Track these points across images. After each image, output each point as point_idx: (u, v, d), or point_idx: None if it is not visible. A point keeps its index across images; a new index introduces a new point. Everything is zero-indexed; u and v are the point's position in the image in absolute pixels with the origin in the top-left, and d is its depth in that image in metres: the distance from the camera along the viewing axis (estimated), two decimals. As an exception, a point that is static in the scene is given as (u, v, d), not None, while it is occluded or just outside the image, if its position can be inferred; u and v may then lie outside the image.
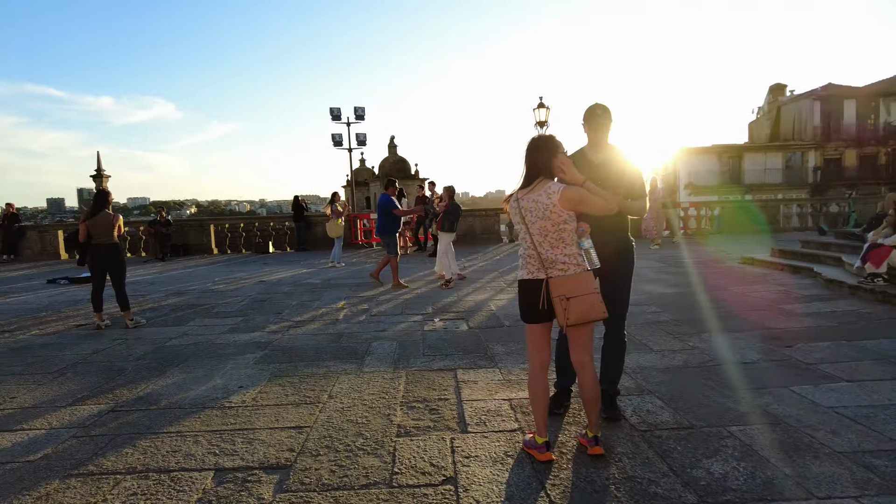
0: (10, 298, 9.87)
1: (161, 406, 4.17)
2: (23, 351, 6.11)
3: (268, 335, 6.48)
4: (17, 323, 7.72)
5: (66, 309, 8.69)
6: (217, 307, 8.40)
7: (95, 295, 7.24)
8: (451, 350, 5.57)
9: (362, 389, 4.42)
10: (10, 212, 17.57)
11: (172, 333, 6.71)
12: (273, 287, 10.26)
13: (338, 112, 23.71)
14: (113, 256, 7.18)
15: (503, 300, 8.28)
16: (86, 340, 6.52)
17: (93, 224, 7.06)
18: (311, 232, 17.56)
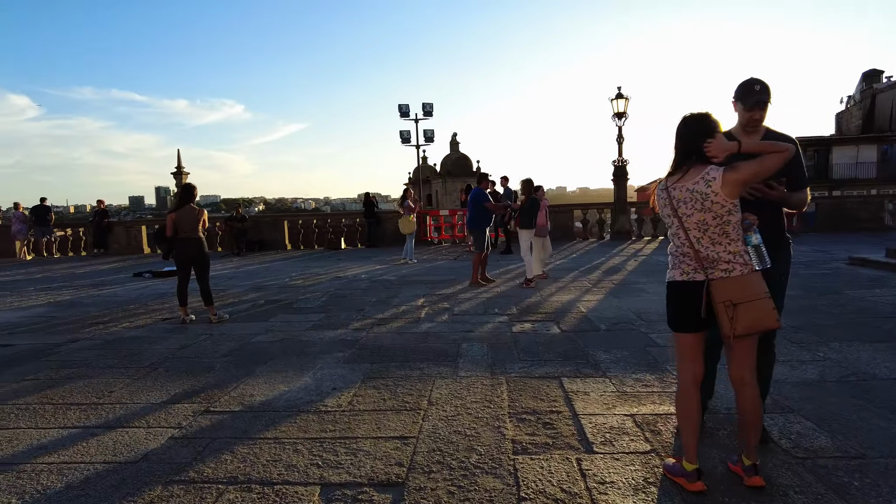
0: (102, 291, 10.20)
1: (255, 408, 3.97)
2: (115, 344, 6.15)
3: (353, 333, 6.27)
4: (108, 315, 7.88)
5: (152, 302, 8.85)
6: (297, 303, 8.31)
7: (181, 289, 7.27)
8: (548, 355, 5.15)
9: (463, 396, 4.07)
10: (100, 208, 18.49)
11: (256, 329, 6.62)
12: (350, 283, 10.13)
13: (406, 109, 23.65)
14: (197, 251, 7.17)
15: (592, 301, 7.77)
16: (173, 335, 6.52)
17: (178, 218, 7.08)
18: (380, 228, 17.51)
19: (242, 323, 7.06)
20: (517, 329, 6.22)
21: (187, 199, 7.21)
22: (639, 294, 8.20)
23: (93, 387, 4.55)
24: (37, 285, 11.40)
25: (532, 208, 9.71)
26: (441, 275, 10.93)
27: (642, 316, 6.76)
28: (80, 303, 9.01)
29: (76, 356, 5.63)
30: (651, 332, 5.93)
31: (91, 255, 18.38)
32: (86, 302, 9.06)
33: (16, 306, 8.91)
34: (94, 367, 5.21)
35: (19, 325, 7.40)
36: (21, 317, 7.98)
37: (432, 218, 18.15)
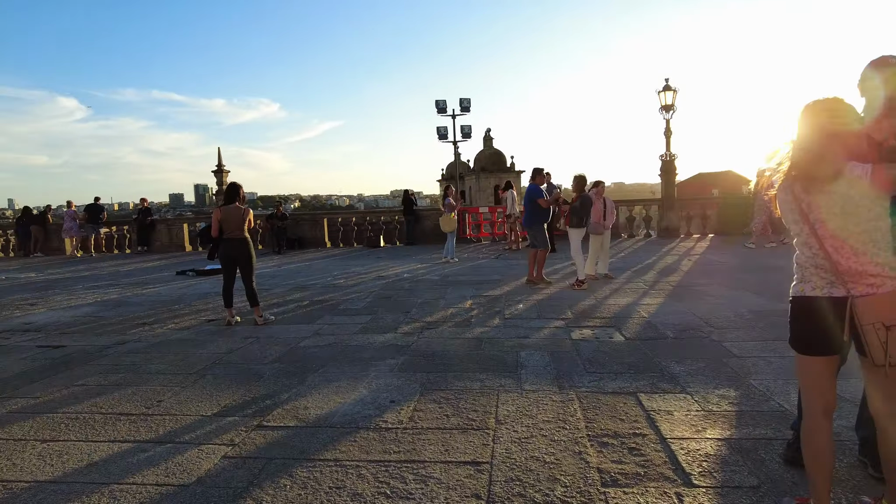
0: (146, 290, 10.21)
1: (309, 422, 3.72)
2: (162, 346, 6.03)
3: (403, 337, 6.00)
4: (153, 315, 7.81)
5: (196, 302, 8.77)
6: (343, 304, 8.10)
7: (226, 290, 7.12)
8: (616, 366, 4.77)
9: (533, 414, 3.74)
10: (143, 206, 18.77)
11: (303, 332, 6.41)
12: (393, 283, 9.89)
13: (443, 104, 23.34)
14: (243, 251, 7.01)
15: (653, 305, 7.32)
16: (219, 337, 6.36)
17: (224, 217, 6.92)
18: (419, 226, 17.26)
19: (289, 325, 6.87)
20: (577, 336, 5.85)
21: (233, 197, 7.06)
22: (702, 297, 7.70)
23: (142, 395, 4.38)
24: (85, 283, 11.52)
25: (584, 206, 9.27)
26: (485, 274, 10.59)
27: (710, 322, 6.29)
28: (127, 302, 9.00)
29: (124, 360, 5.51)
30: (724, 341, 5.48)
31: (135, 253, 18.67)
32: (132, 301, 9.05)
33: (65, 305, 8.95)
34: (142, 372, 5.06)
35: (70, 325, 7.38)
36: (71, 316, 7.98)
37: (471, 215, 17.80)
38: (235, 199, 7.05)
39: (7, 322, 7.83)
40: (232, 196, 7.06)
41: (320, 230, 17.89)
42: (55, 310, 8.60)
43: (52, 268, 15.26)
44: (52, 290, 10.79)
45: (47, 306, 8.94)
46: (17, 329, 7.32)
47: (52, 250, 19.66)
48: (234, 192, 7.08)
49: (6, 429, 3.79)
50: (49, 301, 9.44)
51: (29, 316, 8.20)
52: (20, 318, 8.11)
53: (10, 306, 9.09)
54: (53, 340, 6.54)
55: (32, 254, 19.25)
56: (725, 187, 48.85)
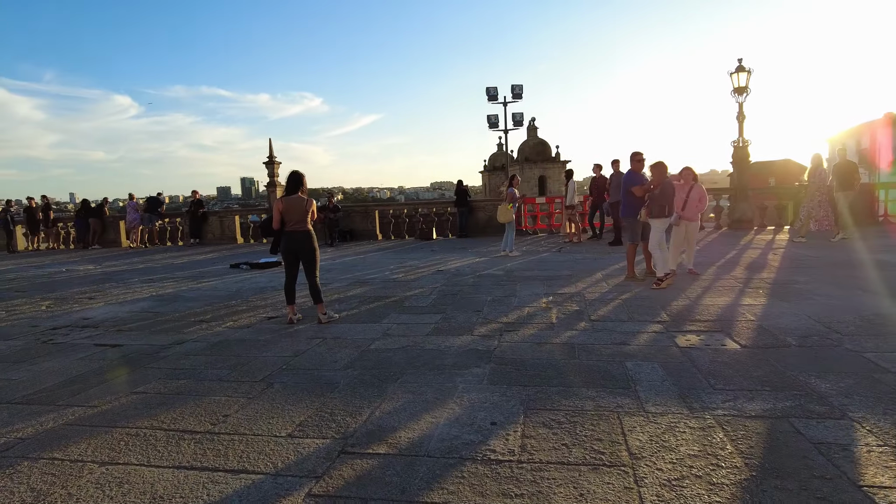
0: (202, 284, 9.93)
1: (401, 449, 3.15)
2: (222, 347, 5.60)
3: (482, 341, 5.39)
4: (211, 312, 7.44)
5: (253, 297, 8.39)
6: (407, 300, 7.55)
7: (288, 286, 6.66)
8: (745, 382, 4.03)
9: (672, 446, 3.06)
10: (195, 199, 18.77)
11: (372, 332, 5.88)
12: (455, 278, 9.29)
13: (494, 91, 22.52)
14: (306, 244, 6.53)
15: (756, 306, 6.49)
16: (282, 338, 5.90)
17: (286, 209, 6.45)
18: (473, 218, 16.62)
19: (354, 324, 6.36)
20: (683, 343, 5.11)
21: (295, 187, 6.56)
22: (809, 297, 6.81)
23: (205, 407, 3.91)
24: (140, 276, 11.38)
25: (665, 194, 8.42)
26: (552, 269, 9.88)
27: (833, 327, 5.45)
28: (182, 297, 8.71)
29: (184, 363, 5.09)
30: (864, 351, 4.66)
31: (188, 245, 18.71)
32: (187, 296, 8.75)
33: (121, 299, 8.73)
34: (203, 378, 4.61)
35: (126, 322, 7.08)
36: (128, 312, 7.71)
37: (528, 206, 17.01)
38: (298, 189, 6.55)
39: (67, 317, 7.61)
40: (294, 186, 6.57)
41: (371, 222, 17.47)
42: (112, 304, 8.37)
43: (108, 260, 15.34)
44: (108, 282, 10.66)
45: (104, 300, 8.73)
46: (75, 325, 7.07)
47: (109, 242, 19.94)
48: (297, 182, 6.58)
49: (62, 446, 3.36)
50: (106, 295, 9.26)
51: (87, 310, 7.98)
52: (79, 312, 7.90)
53: (70, 300, 8.94)
54: (110, 338, 6.22)
55: (91, 246, 19.56)
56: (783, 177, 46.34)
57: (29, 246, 20.55)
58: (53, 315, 7.76)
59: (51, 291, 9.92)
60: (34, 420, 3.80)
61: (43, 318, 7.64)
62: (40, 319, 7.52)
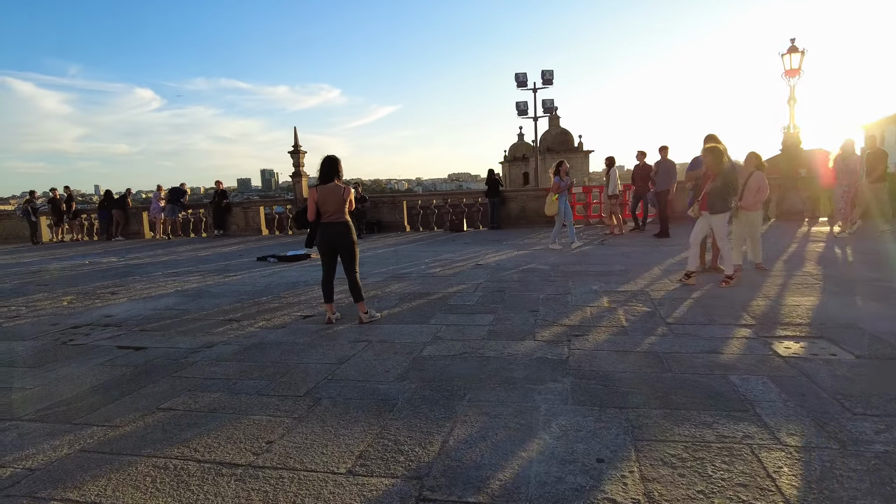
0: (229, 278, 9.41)
1: (495, 496, 2.51)
2: (256, 351, 5.03)
3: (549, 348, 4.74)
4: (241, 309, 6.89)
5: (285, 294, 7.82)
6: (451, 298, 6.92)
7: (326, 282, 6.07)
8: (888, 404, 3.33)
9: (836, 494, 2.39)
10: (219, 189, 18.31)
11: (420, 336, 5.27)
12: (497, 273, 8.62)
13: (524, 78, 21.69)
14: (344, 237, 5.92)
15: (850, 307, 5.74)
16: (322, 340, 5.31)
17: (321, 198, 5.85)
18: (505, 209, 15.91)
19: (399, 325, 5.75)
20: (785, 352, 4.40)
21: (330, 174, 5.94)
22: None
23: (244, 430, 3.32)
24: (164, 269, 10.92)
25: (727, 186, 7.60)
26: (601, 263, 9.16)
27: (955, 333, 4.69)
28: (209, 292, 8.18)
29: (215, 371, 4.52)
30: None
31: (212, 237, 18.30)
32: (214, 291, 8.22)
33: (145, 295, 8.24)
34: (239, 390, 4.03)
35: (150, 320, 6.57)
36: (151, 309, 7.20)
37: (564, 196, 16.20)
38: (333, 176, 5.94)
39: (88, 314, 7.13)
40: (329, 173, 5.95)
41: (399, 213, 16.85)
42: (135, 300, 7.88)
43: (132, 252, 14.97)
44: (132, 276, 10.21)
45: (128, 295, 8.25)
46: (97, 323, 6.58)
47: (132, 234, 19.64)
48: (332, 168, 5.96)
49: (78, 483, 2.79)
50: (129, 289, 8.78)
51: (109, 306, 7.49)
52: (101, 308, 7.42)
53: (92, 295, 8.48)
54: (134, 339, 5.70)
55: (114, 237, 19.28)
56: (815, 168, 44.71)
57: (53, 237, 20.36)
58: (75, 312, 7.29)
59: (73, 285, 9.49)
60: (47, 444, 3.25)
61: (64, 314, 7.18)
62: (61, 317, 7.05)
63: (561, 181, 11.06)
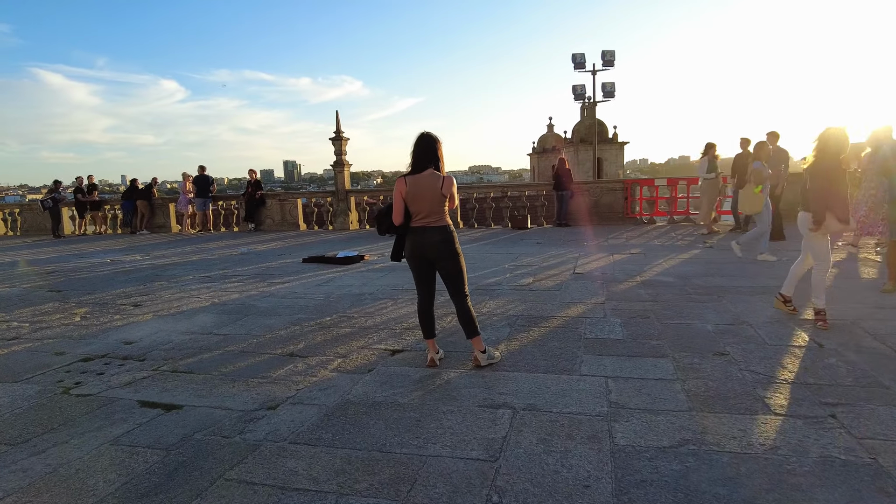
0: (275, 287, 7.73)
1: None
2: (346, 423, 3.32)
3: (816, 432, 2.94)
4: (302, 336, 5.20)
5: (352, 311, 6.12)
6: (579, 325, 5.13)
7: (424, 310, 4.33)
8: None
9: None
10: (252, 179, 16.67)
11: (586, 399, 3.51)
12: (612, 286, 6.79)
13: (581, 59, 19.72)
14: (445, 247, 4.15)
15: None
16: (438, 402, 3.58)
17: (412, 193, 4.09)
18: (573, 203, 14.01)
19: (535, 374, 4.00)
20: None
21: (426, 158, 4.15)
22: None
23: None
24: (195, 272, 9.31)
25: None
26: (741, 274, 7.29)
27: None
28: (255, 307, 6.52)
29: (296, 468, 2.81)
30: None
31: (244, 232, 16.73)
32: (261, 307, 6.55)
33: (174, 309, 6.60)
34: (348, 526, 2.31)
35: (183, 350, 4.92)
36: (184, 332, 5.56)
37: (644, 188, 14.22)
38: (430, 161, 4.15)
39: (104, 336, 5.53)
40: (424, 157, 4.13)
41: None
42: (163, 317, 6.25)
43: (157, 248, 13.46)
44: (157, 280, 8.62)
45: (153, 309, 6.63)
46: (113, 353, 4.96)
47: (158, 227, 18.21)
48: (428, 151, 4.14)
49: None
50: (155, 300, 7.17)
51: (131, 326, 5.88)
52: (120, 328, 5.81)
53: (111, 306, 6.89)
54: (164, 387, 4.04)
55: (139, 230, 17.87)
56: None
57: (75, 230, 19.03)
58: (87, 333, 5.68)
59: (89, 292, 7.93)
60: None
61: (73, 337, 5.58)
62: (70, 340, 5.45)
63: (763, 168, 8.34)
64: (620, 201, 13.88)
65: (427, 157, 4.13)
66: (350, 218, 15.89)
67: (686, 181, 13.67)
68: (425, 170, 4.12)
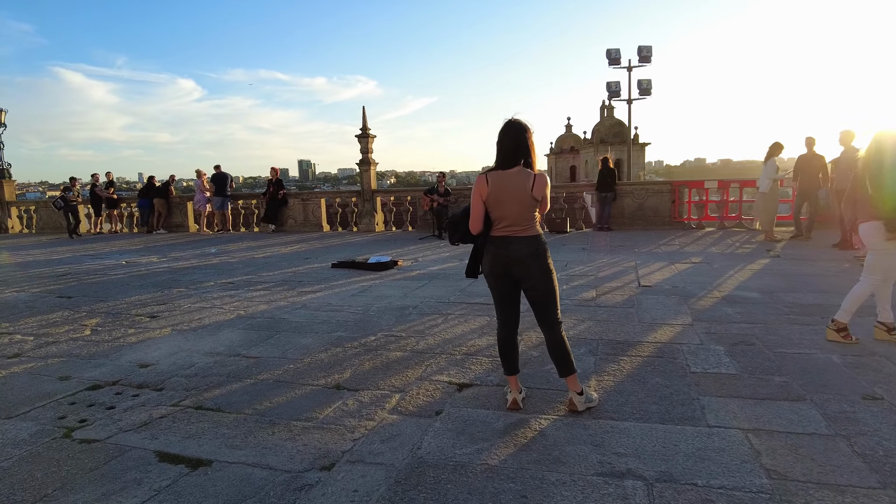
0: (306, 296, 6.96)
1: None
2: (428, 495, 2.52)
3: None
4: (346, 362, 4.41)
5: (398, 329, 5.33)
6: (677, 354, 4.28)
7: (505, 339, 3.53)
8: None
9: None
10: (275, 177, 15.94)
11: (735, 466, 2.68)
12: (690, 302, 5.92)
13: (616, 55, 18.76)
14: (534, 261, 3.32)
15: None
16: (544, 468, 2.77)
17: (495, 196, 3.29)
18: (618, 205, 13.08)
19: (646, 424, 3.17)
20: None
21: (516, 151, 3.31)
22: None
23: None
24: (216, 277, 8.59)
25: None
26: (830, 289, 6.41)
27: None
28: (286, 321, 5.75)
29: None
30: None
31: (265, 232, 16.02)
32: (294, 321, 5.78)
33: (196, 322, 5.86)
34: None
35: (207, 378, 4.16)
36: (208, 352, 4.80)
37: (693, 190, 13.23)
38: (522, 155, 3.33)
39: (116, 356, 4.79)
40: (514, 149, 3.29)
41: (484, 209, 14.19)
42: (183, 331, 5.51)
43: (175, 249, 12.80)
44: (177, 286, 7.90)
45: (171, 322, 5.89)
46: (126, 379, 4.21)
47: (175, 226, 17.60)
48: (518, 142, 3.30)
49: None
50: (173, 310, 6.44)
51: (147, 343, 5.14)
52: (134, 345, 5.08)
53: (124, 317, 6.18)
54: (186, 431, 3.27)
55: (155, 230, 17.27)
56: None
57: (91, 229, 18.48)
58: (97, 352, 4.95)
59: (101, 299, 7.23)
60: None
61: (82, 356, 4.85)
62: (77, 360, 4.72)
63: None
64: (667, 204, 12.94)
65: (518, 150, 3.32)
66: (376, 219, 15.11)
67: (738, 183, 12.70)
68: (515, 164, 3.31)
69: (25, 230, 19.66)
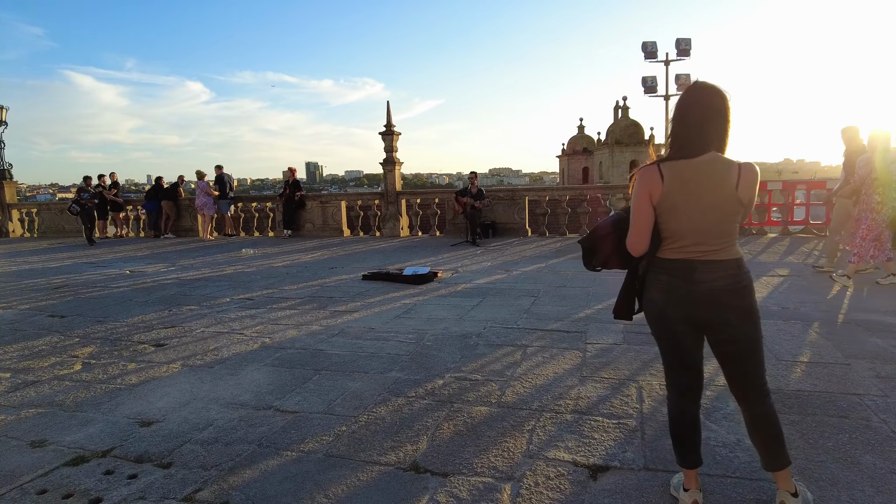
0: (342, 319, 5.82)
1: None
2: None
3: None
4: (416, 422, 3.27)
5: (466, 367, 4.17)
6: (866, 411, 3.12)
7: (684, 415, 2.41)
8: None
9: None
10: (292, 178, 14.80)
11: None
12: (872, 341, 4.76)
13: (653, 48, 17.54)
14: (735, 299, 2.19)
15: None
16: None
17: (677, 195, 2.16)
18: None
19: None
20: None
21: (711, 131, 2.18)
22: None
23: None
24: (232, 291, 7.47)
25: None
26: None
27: None
28: (323, 356, 4.61)
29: None
30: None
31: (281, 238, 14.89)
32: (332, 353, 4.65)
33: (210, 355, 4.73)
34: None
35: (231, 444, 3.04)
36: (228, 402, 3.67)
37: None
38: (719, 137, 2.18)
39: (109, 409, 3.67)
40: (709, 128, 2.15)
41: (520, 213, 13.03)
42: (196, 367, 4.38)
43: (184, 256, 11.71)
44: (187, 303, 6.79)
45: (182, 355, 4.76)
46: (121, 448, 3.10)
47: (183, 230, 16.53)
48: (718, 117, 2.17)
49: None
50: (184, 336, 5.33)
51: (150, 387, 4.01)
52: (134, 389, 3.96)
53: (124, 346, 5.07)
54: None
55: (164, 234, 16.21)
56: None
57: (96, 233, 17.42)
58: (86, 399, 3.83)
59: (99, 320, 6.13)
60: None
61: (65, 406, 3.73)
62: (58, 414, 3.61)
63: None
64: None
65: (715, 127, 2.18)
66: (401, 223, 13.97)
67: (805, 185, 11.49)
68: (705, 152, 2.17)
69: (27, 234, 18.66)
